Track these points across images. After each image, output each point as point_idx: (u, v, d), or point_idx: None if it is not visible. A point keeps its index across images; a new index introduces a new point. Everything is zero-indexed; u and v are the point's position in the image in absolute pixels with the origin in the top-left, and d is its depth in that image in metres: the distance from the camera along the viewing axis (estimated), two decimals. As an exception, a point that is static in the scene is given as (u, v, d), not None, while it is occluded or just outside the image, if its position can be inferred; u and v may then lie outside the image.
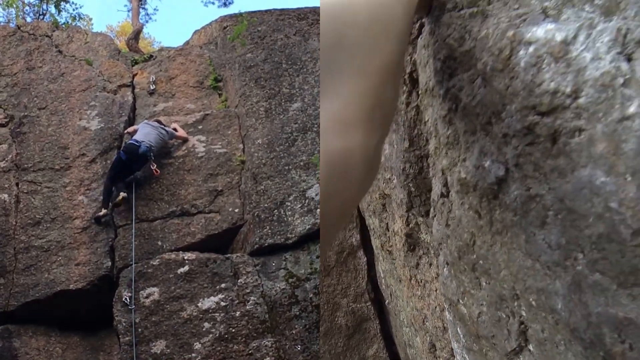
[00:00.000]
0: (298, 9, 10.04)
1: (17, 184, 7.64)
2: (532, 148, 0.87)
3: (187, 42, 11.42)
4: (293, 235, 6.91)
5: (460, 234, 1.27)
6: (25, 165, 7.80)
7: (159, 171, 7.57)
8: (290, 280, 6.62)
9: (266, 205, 7.32)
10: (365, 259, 5.06)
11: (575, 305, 0.82)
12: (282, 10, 9.99)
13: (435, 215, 1.55)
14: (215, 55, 9.97)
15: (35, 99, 8.59)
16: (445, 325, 2.00)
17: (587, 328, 0.80)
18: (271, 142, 8.01)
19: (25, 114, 8.37)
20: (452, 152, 1.25)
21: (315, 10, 9.92)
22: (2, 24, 14.59)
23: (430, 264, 2.05)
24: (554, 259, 0.85)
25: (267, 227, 7.01)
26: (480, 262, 1.17)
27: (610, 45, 0.70)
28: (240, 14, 10.18)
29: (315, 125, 8.04)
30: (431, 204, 1.67)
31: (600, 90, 0.71)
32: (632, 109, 0.66)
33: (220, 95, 9.30)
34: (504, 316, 1.15)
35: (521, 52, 0.88)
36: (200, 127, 8.45)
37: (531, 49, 0.86)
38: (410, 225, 2.13)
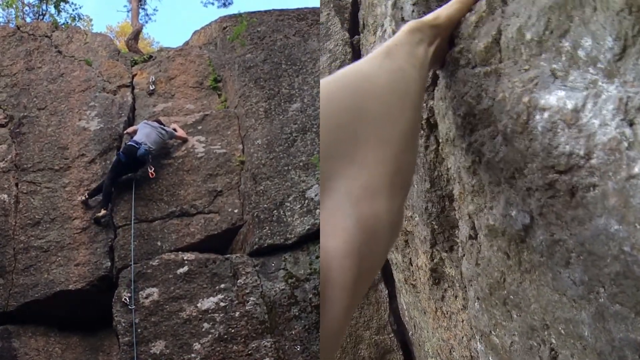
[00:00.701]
0: (297, 9, 10.04)
1: (16, 184, 7.65)
2: (553, 200, 0.98)
3: (186, 43, 11.42)
4: (292, 236, 6.92)
5: (490, 272, 1.37)
6: (25, 166, 7.80)
7: (154, 174, 7.57)
8: (290, 280, 6.63)
9: (265, 205, 7.33)
10: (387, 291, 5.04)
11: (600, 332, 0.92)
12: (281, 10, 9.99)
13: (464, 255, 1.64)
14: (215, 55, 9.97)
15: (34, 99, 8.59)
16: (472, 354, 2.07)
17: (611, 351, 0.90)
18: (271, 143, 8.01)
19: (25, 114, 8.37)
20: (478, 199, 1.36)
21: (314, 11, 9.92)
22: (1, 24, 14.60)
23: (456, 297, 2.09)
24: (579, 293, 0.97)
25: (267, 227, 7.01)
26: (511, 297, 1.27)
27: (614, 112, 0.80)
28: (240, 15, 10.17)
29: (315, 126, 8.04)
30: (459, 245, 1.75)
31: (609, 152, 0.81)
32: (636, 170, 0.76)
33: (219, 95, 9.30)
34: (535, 344, 1.24)
35: (537, 117, 1.01)
36: (199, 127, 8.46)
37: (546, 114, 0.98)
38: (434, 261, 2.20)
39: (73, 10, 17.44)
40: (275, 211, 7.14)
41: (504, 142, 1.14)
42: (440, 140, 1.75)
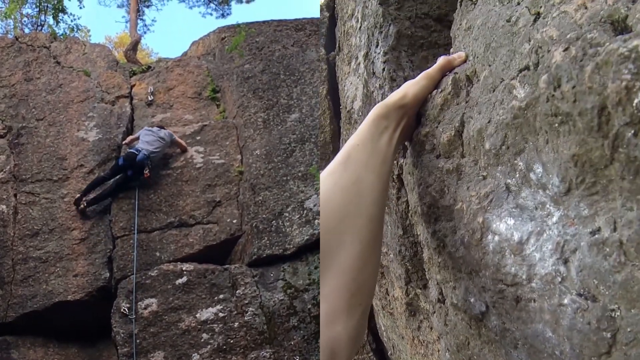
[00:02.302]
0: (296, 20, 10.09)
1: (15, 195, 7.64)
2: (503, 301, 1.12)
3: (185, 53, 11.45)
4: (291, 246, 6.92)
5: (456, 334, 1.50)
6: (24, 177, 7.81)
7: (149, 175, 7.59)
8: (289, 291, 6.62)
9: (264, 216, 7.34)
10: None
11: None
12: (280, 21, 10.03)
13: (434, 312, 1.75)
14: (213, 66, 10.00)
15: (33, 110, 8.61)
16: None
17: None
18: (269, 153, 8.03)
19: (24, 125, 8.39)
20: (445, 273, 1.46)
21: (313, 21, 9.97)
22: (0, 35, 14.62)
23: (432, 328, 2.14)
24: None
25: (266, 237, 7.01)
26: (475, 357, 1.41)
27: (552, 251, 0.95)
28: (238, 25, 10.23)
29: (313, 136, 8.06)
30: (430, 300, 1.84)
31: (545, 282, 0.97)
32: (566, 301, 0.92)
33: (218, 106, 9.32)
34: None
35: (489, 238, 1.15)
36: (198, 138, 8.48)
37: (496, 238, 1.12)
38: (410, 296, 2.27)
39: (71, 21, 17.58)
40: (274, 221, 7.14)
41: (462, 245, 1.27)
42: (410, 211, 1.85)
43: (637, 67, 0.76)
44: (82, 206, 7.46)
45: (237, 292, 6.56)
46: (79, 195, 7.50)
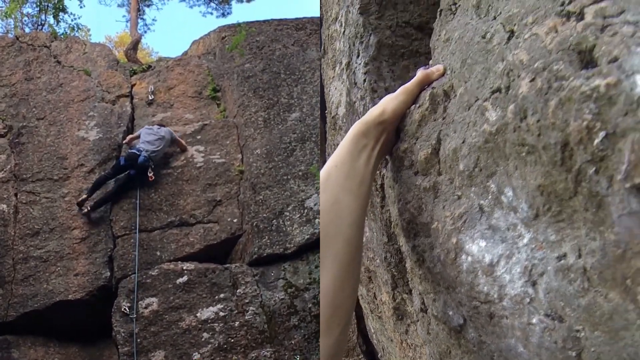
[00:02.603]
0: (296, 19, 10.09)
1: (15, 195, 7.65)
2: (478, 316, 1.17)
3: (185, 53, 11.46)
4: (292, 245, 6.92)
5: (439, 343, 1.54)
6: (24, 176, 7.81)
7: (153, 177, 7.62)
8: (289, 290, 6.62)
9: (265, 215, 7.34)
10: (354, 312, 5.00)
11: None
12: (280, 20, 10.04)
13: (418, 321, 1.79)
14: (214, 65, 10.00)
15: (33, 109, 8.61)
16: None
17: None
18: (270, 152, 8.03)
19: (24, 124, 8.39)
20: (426, 284, 1.49)
21: (313, 21, 9.97)
22: (0, 34, 14.62)
23: (418, 320, 2.16)
24: None
25: (266, 237, 7.01)
26: None
27: (521, 274, 1.00)
28: (239, 24, 10.23)
29: (314, 135, 8.06)
30: (413, 310, 1.88)
31: (515, 302, 1.02)
32: (534, 320, 0.97)
33: (218, 105, 9.32)
34: None
35: (463, 258, 1.19)
36: (198, 137, 8.48)
37: (469, 259, 1.17)
38: (397, 300, 2.30)
39: (72, 20, 17.57)
40: (274, 220, 7.14)
41: (439, 262, 1.31)
42: (392, 224, 1.89)
43: (598, 107, 0.77)
44: (86, 210, 7.45)
45: (237, 291, 6.56)
46: (84, 196, 7.49)
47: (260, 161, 7.96)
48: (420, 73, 1.49)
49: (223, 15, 23.05)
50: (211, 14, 24.27)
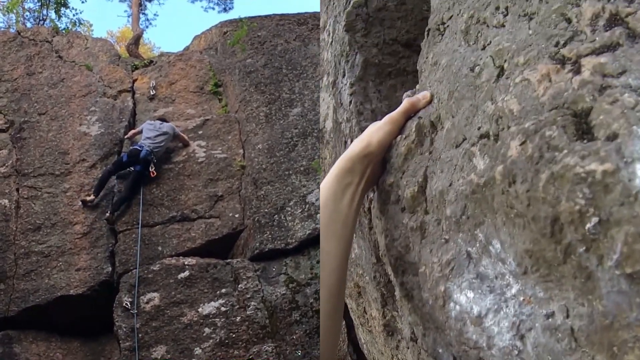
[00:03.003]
0: (298, 14, 10.07)
1: (17, 190, 7.65)
2: (468, 358, 1.16)
3: (187, 48, 11.45)
4: (293, 240, 6.92)
5: None
6: (26, 171, 7.81)
7: (155, 173, 7.61)
8: (291, 285, 6.62)
9: (266, 210, 7.33)
10: (344, 322, 5.01)
11: None
12: (282, 15, 10.02)
13: (408, 348, 1.79)
14: (216, 60, 9.99)
15: (35, 104, 8.61)
16: None
17: None
18: (271, 147, 8.02)
19: (26, 119, 8.39)
20: (415, 317, 1.47)
21: (315, 16, 9.94)
22: (2, 29, 14.62)
23: (408, 348, 2.15)
24: None
25: (268, 232, 7.01)
26: None
27: (509, 328, 1.00)
28: (240, 20, 10.22)
29: (316, 131, 8.05)
30: (404, 338, 1.86)
31: (504, 353, 1.01)
32: None
33: (220, 100, 9.32)
34: None
35: (451, 306, 1.18)
36: (200, 132, 8.47)
37: (458, 308, 1.15)
38: (387, 317, 2.28)
39: (73, 15, 17.54)
40: (276, 216, 7.14)
41: (428, 304, 1.30)
42: (380, 254, 1.86)
43: (592, 192, 0.74)
44: (111, 217, 7.40)
45: (239, 286, 6.56)
46: (92, 197, 7.49)
47: (262, 156, 7.95)
48: (406, 101, 1.45)
49: (225, 10, 23.09)
50: (213, 8, 24.19)
